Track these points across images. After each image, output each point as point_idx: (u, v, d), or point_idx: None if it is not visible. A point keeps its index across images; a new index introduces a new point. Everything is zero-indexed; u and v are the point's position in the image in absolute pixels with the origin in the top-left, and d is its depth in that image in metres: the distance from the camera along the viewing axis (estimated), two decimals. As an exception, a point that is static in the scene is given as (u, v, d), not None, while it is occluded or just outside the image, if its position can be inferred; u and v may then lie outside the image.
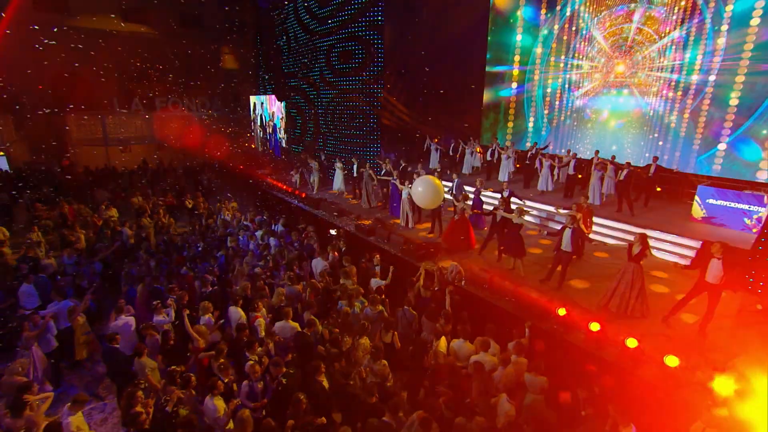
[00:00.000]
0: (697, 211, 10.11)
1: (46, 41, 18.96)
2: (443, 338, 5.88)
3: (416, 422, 4.22)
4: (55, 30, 19.56)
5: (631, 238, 8.29)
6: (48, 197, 13.40)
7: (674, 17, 11.78)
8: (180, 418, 4.45)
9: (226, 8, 23.75)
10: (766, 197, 8.66)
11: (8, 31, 17.52)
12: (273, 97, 20.59)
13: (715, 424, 4.14)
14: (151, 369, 5.20)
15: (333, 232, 9.93)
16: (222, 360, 5.36)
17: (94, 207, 12.12)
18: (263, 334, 6.10)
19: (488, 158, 14.19)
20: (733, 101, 10.94)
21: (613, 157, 11.76)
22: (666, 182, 11.70)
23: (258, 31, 19.86)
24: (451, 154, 15.49)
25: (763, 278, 6.81)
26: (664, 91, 12.36)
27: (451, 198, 9.87)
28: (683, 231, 9.12)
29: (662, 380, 5.03)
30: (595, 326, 5.68)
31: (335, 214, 11.62)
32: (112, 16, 20.98)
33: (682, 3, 11.55)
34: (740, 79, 10.72)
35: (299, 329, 6.16)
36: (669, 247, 8.92)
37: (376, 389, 4.89)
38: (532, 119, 16.25)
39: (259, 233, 10.10)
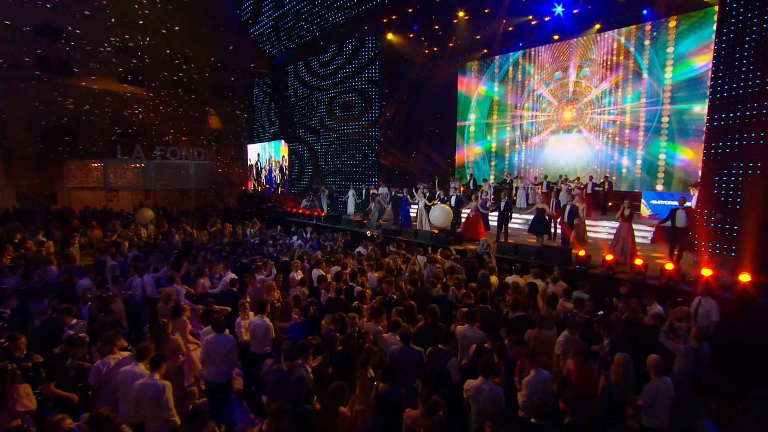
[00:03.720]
0: (645, 210, 12.98)
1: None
2: (494, 276, 7.44)
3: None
4: (59, 91, 21.42)
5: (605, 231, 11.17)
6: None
7: (606, 71, 15.64)
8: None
9: (219, 66, 26.83)
10: (690, 191, 11.65)
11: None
12: (269, 144, 22.59)
13: (707, 294, 6.04)
14: None
15: (368, 233, 11.30)
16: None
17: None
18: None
19: (470, 188, 16.71)
20: (663, 135, 14.40)
21: (578, 177, 14.68)
22: (616, 197, 14.65)
23: (271, 84, 22.56)
24: (436, 189, 17.82)
25: (703, 239, 9.37)
26: (608, 129, 15.83)
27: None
28: (639, 224, 11.72)
29: (665, 281, 6.95)
30: (609, 257, 7.58)
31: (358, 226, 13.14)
32: (111, 77, 22.82)
33: (612, 58, 15.44)
34: (666, 114, 14.17)
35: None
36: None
37: (473, 297, 6.25)
38: (493, 161, 19.56)
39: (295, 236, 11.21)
